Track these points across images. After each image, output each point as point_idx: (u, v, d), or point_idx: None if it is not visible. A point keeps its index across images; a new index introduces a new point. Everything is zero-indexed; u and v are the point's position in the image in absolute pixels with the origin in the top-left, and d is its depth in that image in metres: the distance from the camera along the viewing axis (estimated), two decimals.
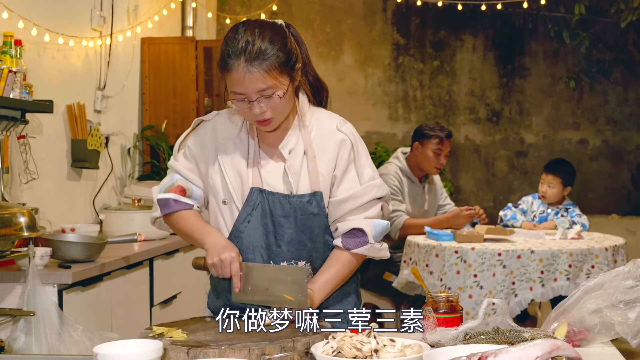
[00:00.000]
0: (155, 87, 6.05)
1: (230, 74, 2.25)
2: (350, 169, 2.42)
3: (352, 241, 2.40)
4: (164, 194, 2.48)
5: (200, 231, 2.43)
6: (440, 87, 8.30)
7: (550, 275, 4.37)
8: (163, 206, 2.49)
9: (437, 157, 5.35)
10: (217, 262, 2.31)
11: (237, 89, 2.26)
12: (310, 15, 8.13)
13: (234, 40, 2.26)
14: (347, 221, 2.41)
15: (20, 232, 3.07)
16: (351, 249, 2.40)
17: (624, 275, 1.99)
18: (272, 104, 2.28)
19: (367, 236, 2.40)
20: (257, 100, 2.26)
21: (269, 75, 2.24)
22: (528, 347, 1.68)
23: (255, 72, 2.22)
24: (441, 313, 2.09)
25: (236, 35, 2.27)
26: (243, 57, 2.22)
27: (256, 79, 2.23)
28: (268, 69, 2.23)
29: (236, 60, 2.23)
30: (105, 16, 5.27)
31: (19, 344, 3.08)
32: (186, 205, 2.48)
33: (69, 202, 4.83)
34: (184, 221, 2.47)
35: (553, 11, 7.97)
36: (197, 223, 2.46)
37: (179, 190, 2.47)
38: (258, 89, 2.24)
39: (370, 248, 2.41)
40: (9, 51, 3.85)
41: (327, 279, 2.40)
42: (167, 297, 4.48)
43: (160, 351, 1.83)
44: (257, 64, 2.22)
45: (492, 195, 8.36)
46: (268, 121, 2.32)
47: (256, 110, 2.27)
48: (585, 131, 8.27)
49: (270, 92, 2.26)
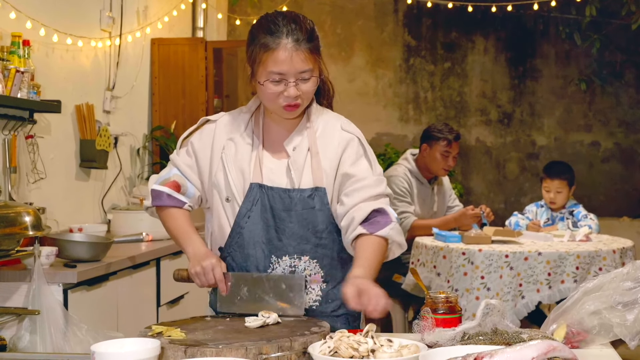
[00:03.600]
0: (165, 88, 6.07)
1: (275, 52, 2.28)
2: (362, 161, 2.43)
3: (375, 226, 2.34)
4: (159, 186, 2.52)
5: (184, 237, 2.46)
6: (452, 89, 8.29)
7: (557, 277, 4.35)
8: (155, 197, 2.52)
9: (445, 159, 5.33)
10: (200, 271, 2.34)
11: (279, 68, 2.29)
12: (321, 16, 8.13)
13: (276, 22, 2.30)
14: (363, 207, 2.35)
15: (26, 231, 3.09)
16: (375, 232, 2.33)
17: (622, 277, 1.98)
18: (306, 87, 2.33)
19: (388, 215, 2.37)
20: (295, 82, 2.30)
21: (312, 57, 2.31)
22: (524, 347, 1.67)
23: (301, 53, 2.28)
24: (440, 314, 2.09)
25: (277, 18, 2.32)
26: (292, 37, 2.27)
27: (302, 59, 2.29)
28: (312, 50, 2.31)
29: (284, 39, 2.27)
30: (114, 17, 5.29)
31: (23, 342, 3.09)
32: (178, 202, 2.50)
33: (77, 202, 4.85)
34: (172, 221, 2.51)
35: (564, 13, 7.94)
36: (183, 227, 2.48)
37: (173, 185, 2.50)
38: (300, 69, 2.30)
39: (394, 227, 2.36)
40: (16, 51, 3.87)
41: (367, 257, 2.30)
42: (174, 297, 4.50)
43: (157, 350, 1.84)
44: (304, 44, 2.29)
45: (503, 197, 8.33)
46: (297, 105, 2.36)
47: (292, 91, 2.31)
48: (597, 133, 8.23)
49: (309, 75, 2.32)
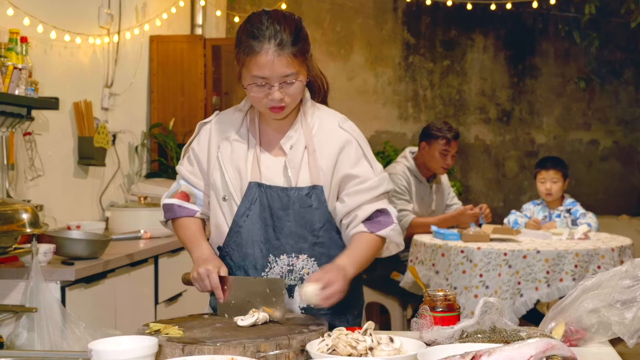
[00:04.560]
0: (163, 85, 6.06)
1: (257, 57, 2.25)
2: (362, 163, 2.41)
3: (376, 225, 2.36)
4: (169, 199, 2.53)
5: (192, 243, 2.47)
6: (451, 87, 8.28)
7: (555, 275, 4.35)
8: (167, 211, 2.54)
9: (444, 157, 5.32)
10: (196, 276, 2.33)
11: (262, 72, 2.26)
12: (321, 14, 8.12)
13: (260, 24, 2.27)
14: (366, 207, 2.37)
15: (23, 228, 3.09)
16: (376, 231, 2.36)
17: (621, 275, 1.98)
18: (291, 90, 2.30)
19: (390, 216, 2.39)
20: (280, 86, 2.27)
21: (295, 61, 2.27)
22: (522, 346, 1.67)
23: (284, 57, 2.24)
24: (438, 312, 2.08)
25: (262, 20, 2.28)
26: (274, 41, 2.23)
27: (284, 64, 2.25)
28: (296, 54, 2.26)
29: (266, 44, 2.23)
30: (113, 14, 5.28)
31: (21, 340, 3.09)
32: (189, 211, 2.51)
33: (76, 200, 4.84)
34: (183, 230, 2.52)
35: (563, 11, 7.94)
36: (192, 234, 2.49)
37: (182, 196, 2.52)
38: (283, 74, 2.26)
39: (394, 228, 2.38)
40: (14, 48, 3.86)
41: (357, 252, 2.32)
42: (172, 295, 4.49)
43: (155, 347, 1.83)
44: (287, 48, 2.24)
45: (502, 196, 8.33)
46: (283, 107, 2.33)
47: (276, 95, 2.28)
48: (596, 132, 8.23)
49: (293, 78, 2.28)
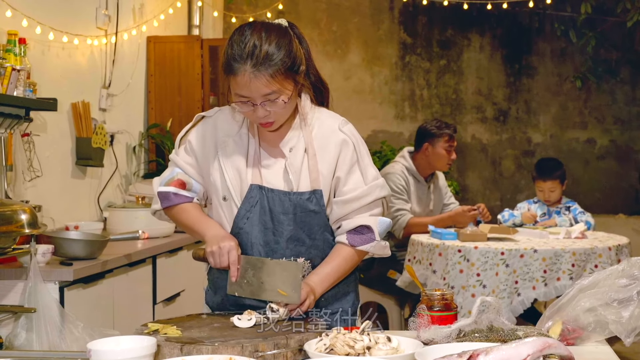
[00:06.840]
0: (161, 86, 6.06)
1: (235, 77, 2.23)
2: (355, 170, 2.42)
3: (358, 238, 2.41)
4: (164, 187, 2.51)
5: (201, 224, 2.45)
6: (447, 86, 8.30)
7: (553, 274, 4.36)
8: (163, 199, 2.51)
9: (449, 153, 5.38)
10: (216, 250, 2.32)
11: (242, 92, 2.25)
12: (317, 14, 8.13)
13: (240, 43, 2.24)
14: (353, 219, 2.42)
15: (22, 229, 3.08)
16: (357, 245, 2.41)
17: (618, 274, 1.99)
18: (275, 107, 2.28)
19: (373, 233, 2.42)
20: (262, 104, 2.25)
21: (274, 80, 2.23)
22: (519, 345, 1.67)
23: (261, 77, 2.21)
24: (435, 311, 2.09)
25: (242, 38, 2.25)
26: (250, 62, 2.20)
27: (262, 84, 2.22)
28: (274, 74, 2.22)
29: (243, 65, 2.21)
30: (110, 15, 5.28)
31: (19, 340, 3.09)
32: (186, 198, 2.50)
33: (74, 200, 4.85)
34: (184, 214, 2.50)
35: (559, 10, 7.96)
36: (198, 216, 2.48)
37: (178, 183, 2.49)
38: (263, 93, 2.24)
39: (375, 245, 2.43)
40: (12, 49, 3.86)
41: (328, 272, 2.41)
42: (170, 295, 4.49)
43: (153, 347, 1.84)
44: (263, 69, 2.21)
45: (498, 195, 8.34)
46: (271, 123, 2.33)
47: (260, 113, 2.27)
48: (593, 130, 8.25)
49: (275, 96, 2.25)
